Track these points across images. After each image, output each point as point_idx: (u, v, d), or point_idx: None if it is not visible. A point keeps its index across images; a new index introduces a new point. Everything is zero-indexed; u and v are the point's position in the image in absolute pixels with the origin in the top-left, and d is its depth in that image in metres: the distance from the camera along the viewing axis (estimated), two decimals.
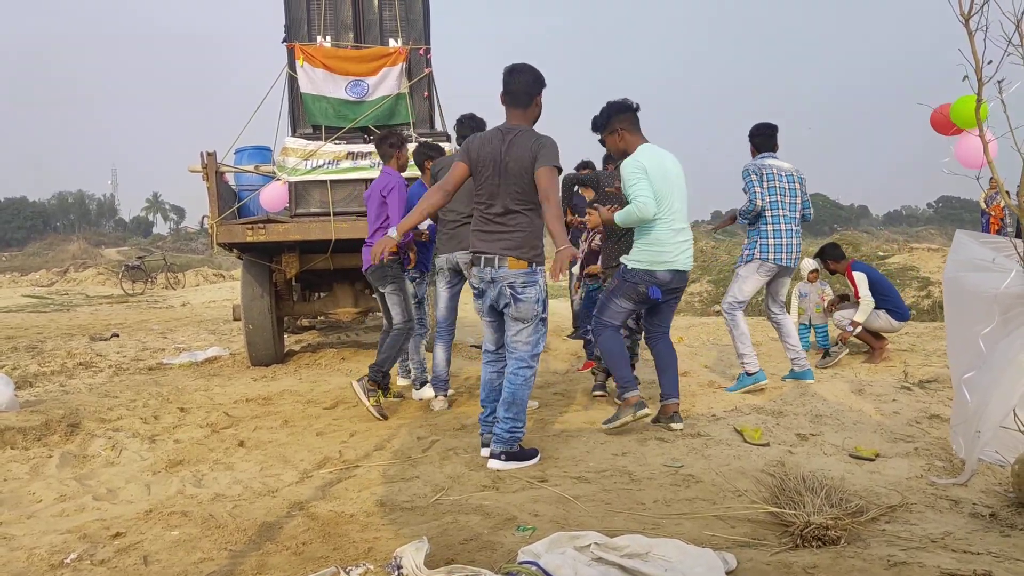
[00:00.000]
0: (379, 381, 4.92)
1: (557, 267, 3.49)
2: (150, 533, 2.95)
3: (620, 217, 4.32)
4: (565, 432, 4.37)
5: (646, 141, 4.41)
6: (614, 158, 4.93)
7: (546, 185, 3.65)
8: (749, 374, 5.30)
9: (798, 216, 5.42)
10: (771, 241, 5.28)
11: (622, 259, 4.45)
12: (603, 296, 4.58)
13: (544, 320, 3.89)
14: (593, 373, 5.61)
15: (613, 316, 4.43)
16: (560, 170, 3.75)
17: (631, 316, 4.57)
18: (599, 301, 4.59)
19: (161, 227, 72.16)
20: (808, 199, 5.54)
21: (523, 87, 3.80)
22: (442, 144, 6.87)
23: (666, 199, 4.26)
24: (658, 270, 4.29)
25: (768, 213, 5.28)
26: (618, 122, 4.40)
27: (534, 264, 3.77)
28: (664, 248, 4.28)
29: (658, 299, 4.35)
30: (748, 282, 5.37)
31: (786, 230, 5.31)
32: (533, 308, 3.76)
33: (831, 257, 6.78)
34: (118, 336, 10.23)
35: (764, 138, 5.48)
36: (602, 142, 4.59)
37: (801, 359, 5.57)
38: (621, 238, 5.27)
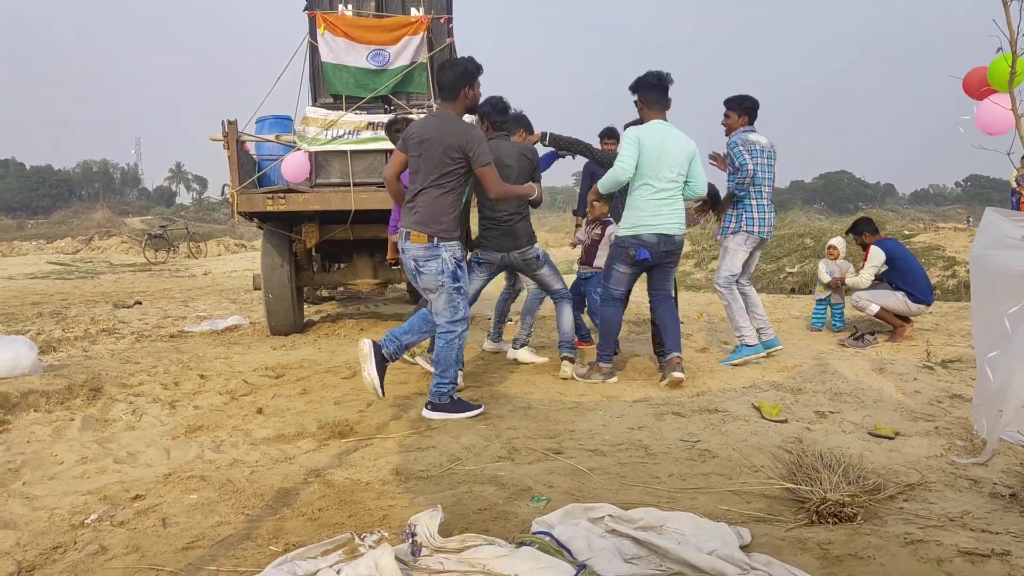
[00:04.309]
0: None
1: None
2: (169, 496, 2.99)
3: (602, 182, 4.78)
4: (582, 405, 4.37)
5: (662, 117, 4.74)
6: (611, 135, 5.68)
7: (492, 184, 4.02)
8: (748, 345, 5.42)
9: (771, 191, 5.60)
10: (755, 215, 5.46)
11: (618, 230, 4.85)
12: (605, 265, 4.99)
13: (457, 289, 4.04)
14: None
15: (616, 282, 4.86)
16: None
17: (632, 280, 4.93)
18: (604, 271, 4.99)
19: (184, 197, 72.73)
20: (775, 173, 5.68)
21: (449, 82, 4.04)
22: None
23: (655, 170, 4.61)
24: (643, 233, 4.66)
25: (752, 188, 5.44)
26: (642, 94, 4.76)
27: (436, 239, 3.94)
28: (646, 212, 4.65)
29: (647, 259, 4.70)
30: (738, 255, 5.53)
31: (767, 204, 5.51)
32: (436, 279, 3.99)
33: (866, 230, 6.74)
34: (140, 304, 10.35)
35: (754, 112, 5.59)
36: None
37: (767, 328, 5.67)
38: None
